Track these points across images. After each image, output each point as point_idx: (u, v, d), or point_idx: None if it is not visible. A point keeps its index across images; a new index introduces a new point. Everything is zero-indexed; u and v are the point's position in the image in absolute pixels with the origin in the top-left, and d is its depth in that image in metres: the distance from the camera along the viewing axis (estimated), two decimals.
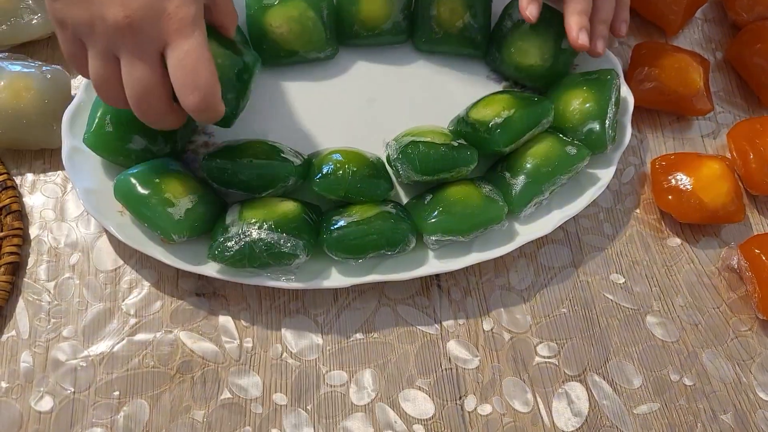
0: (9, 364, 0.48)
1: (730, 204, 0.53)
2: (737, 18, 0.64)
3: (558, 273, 0.53)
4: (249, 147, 0.51)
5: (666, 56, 0.59)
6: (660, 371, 0.50)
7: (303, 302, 0.51)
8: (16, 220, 0.51)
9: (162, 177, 0.48)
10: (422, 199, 0.51)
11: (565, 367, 0.50)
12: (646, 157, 0.58)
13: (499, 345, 0.50)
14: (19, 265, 0.51)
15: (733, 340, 0.51)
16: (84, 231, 0.53)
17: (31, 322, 0.49)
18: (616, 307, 0.52)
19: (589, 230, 0.55)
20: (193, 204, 0.48)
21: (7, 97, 0.52)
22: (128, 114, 0.50)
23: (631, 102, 0.56)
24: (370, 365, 0.49)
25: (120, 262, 0.52)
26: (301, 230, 0.48)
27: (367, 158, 0.51)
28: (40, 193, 0.54)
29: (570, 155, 0.52)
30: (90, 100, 0.52)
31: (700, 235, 0.55)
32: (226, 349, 0.49)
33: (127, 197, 0.48)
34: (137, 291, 0.51)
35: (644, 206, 0.56)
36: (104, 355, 0.48)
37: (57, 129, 0.53)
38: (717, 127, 0.60)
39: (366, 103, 0.58)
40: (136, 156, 0.51)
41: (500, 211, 0.50)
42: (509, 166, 0.52)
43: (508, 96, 0.53)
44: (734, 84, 0.63)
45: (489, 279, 0.52)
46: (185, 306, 0.50)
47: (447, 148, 0.50)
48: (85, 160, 0.52)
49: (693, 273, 0.54)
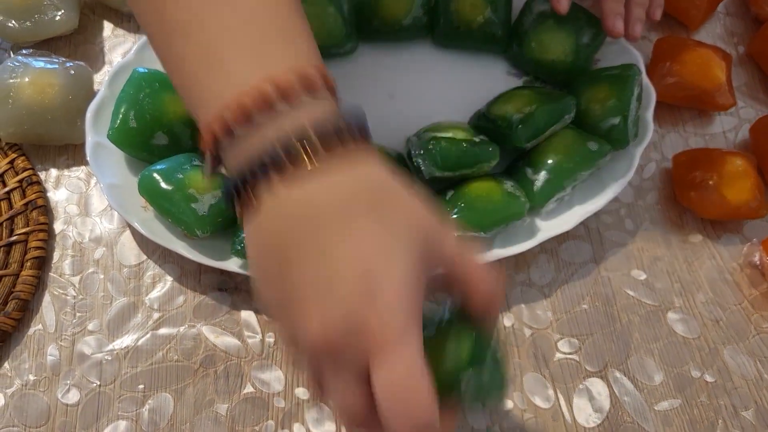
0: (36, 358, 0.48)
1: (753, 200, 0.53)
2: (760, 12, 0.63)
3: (579, 269, 0.53)
4: None
5: (688, 51, 0.58)
6: (681, 367, 0.50)
7: None
8: (41, 215, 0.52)
9: (186, 173, 0.49)
10: (443, 195, 0.51)
11: (586, 363, 0.50)
12: (668, 153, 0.58)
13: (519, 341, 0.50)
14: (45, 259, 0.51)
15: (754, 337, 0.51)
16: (108, 226, 0.53)
17: (57, 315, 0.50)
18: (637, 303, 0.52)
19: (610, 226, 0.55)
20: (217, 200, 0.48)
21: (31, 93, 0.52)
22: (151, 110, 0.50)
23: (654, 97, 0.55)
24: None
25: (143, 257, 0.52)
26: None
27: (388, 154, 0.52)
28: (65, 188, 0.54)
29: (591, 151, 0.51)
30: (113, 95, 0.53)
31: (722, 231, 0.55)
32: (248, 343, 0.50)
33: (151, 193, 0.48)
34: (161, 285, 0.51)
35: (666, 202, 0.56)
36: (129, 349, 0.49)
37: (81, 124, 0.53)
38: (739, 122, 0.60)
39: (386, 98, 0.58)
40: (160, 152, 0.51)
41: (521, 207, 0.50)
42: (531, 161, 0.52)
43: (529, 92, 0.53)
44: (757, 78, 0.62)
45: (510, 275, 0.52)
46: (208, 301, 0.51)
47: (468, 144, 0.50)
48: (108, 155, 0.52)
49: (715, 269, 0.54)
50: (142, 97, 0.50)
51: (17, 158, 0.54)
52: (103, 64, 0.59)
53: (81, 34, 0.60)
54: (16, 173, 0.54)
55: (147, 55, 0.56)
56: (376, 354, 0.31)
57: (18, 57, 0.55)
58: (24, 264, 0.50)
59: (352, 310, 0.31)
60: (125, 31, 0.61)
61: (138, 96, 0.51)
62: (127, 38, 0.61)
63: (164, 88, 0.51)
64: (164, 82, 0.52)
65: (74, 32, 0.60)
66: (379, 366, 0.31)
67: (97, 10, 0.62)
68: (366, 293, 0.31)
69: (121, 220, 0.53)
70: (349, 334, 0.31)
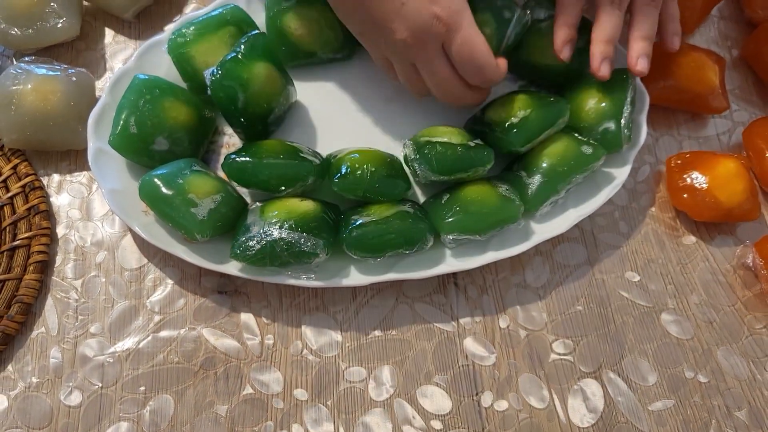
0: (39, 360, 0.49)
1: (746, 202, 0.54)
2: (753, 15, 0.64)
3: (574, 271, 0.54)
4: (269, 147, 0.52)
5: (682, 55, 0.59)
6: (675, 368, 0.51)
7: (322, 300, 0.52)
8: (44, 220, 0.53)
9: (185, 178, 0.49)
10: (439, 198, 0.52)
11: (581, 364, 0.50)
12: (662, 156, 0.59)
13: (515, 342, 0.51)
14: (48, 263, 0.52)
15: (747, 338, 0.52)
16: (109, 230, 0.54)
17: (59, 318, 0.51)
18: (631, 304, 0.53)
19: (604, 228, 0.55)
20: (216, 204, 0.49)
21: (34, 100, 0.53)
22: (152, 116, 0.51)
23: (647, 101, 0.56)
24: (388, 362, 0.50)
25: (144, 261, 0.53)
26: (321, 229, 0.49)
27: (385, 158, 0.52)
28: (67, 193, 0.55)
29: (586, 155, 0.52)
30: (114, 102, 0.54)
31: (716, 233, 0.56)
32: (248, 345, 0.50)
33: (152, 198, 0.49)
34: (161, 289, 0.52)
35: (660, 204, 0.57)
36: (130, 351, 0.50)
37: (82, 130, 0.54)
38: (733, 126, 0.61)
39: (383, 102, 0.58)
40: (160, 157, 0.52)
41: (516, 210, 0.51)
42: (525, 165, 0.53)
43: (524, 96, 0.54)
44: (750, 82, 0.63)
45: (505, 277, 0.53)
46: (208, 303, 0.52)
47: (464, 149, 0.51)
48: (109, 160, 0.53)
49: (708, 271, 0.54)
50: (143, 103, 0.51)
51: (20, 164, 0.55)
52: (105, 71, 0.60)
53: (82, 41, 0.61)
54: (19, 178, 0.54)
55: (147, 61, 0.56)
56: (446, 36, 0.48)
57: (21, 64, 0.56)
58: (27, 268, 0.51)
59: (424, 12, 0.47)
60: (126, 38, 0.62)
61: (139, 102, 0.51)
62: (128, 44, 0.62)
63: (164, 94, 0.52)
64: (164, 89, 0.53)
65: (76, 39, 0.61)
66: (451, 42, 0.49)
67: (98, 17, 0.63)
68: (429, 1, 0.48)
69: (122, 224, 0.54)
70: (427, 27, 0.48)
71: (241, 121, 0.52)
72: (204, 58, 0.54)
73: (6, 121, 0.54)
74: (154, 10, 0.63)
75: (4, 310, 0.50)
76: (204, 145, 0.55)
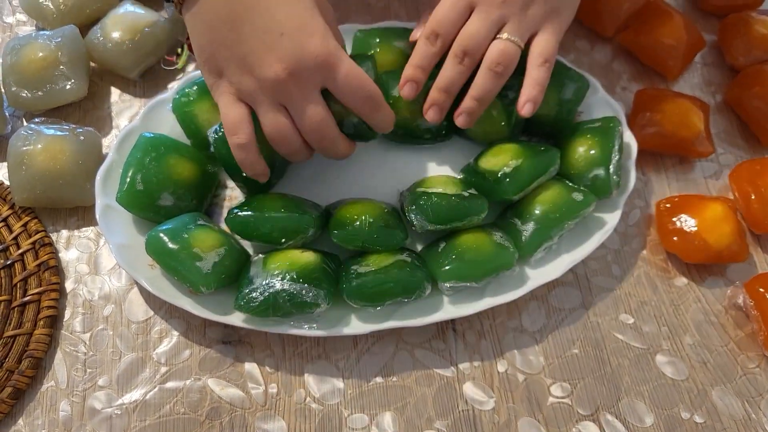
0: (49, 413, 0.50)
1: (734, 244, 0.55)
2: (734, 62, 0.66)
3: (569, 314, 0.55)
4: (270, 201, 0.53)
5: (667, 101, 0.61)
6: (671, 409, 0.52)
7: (324, 348, 0.53)
8: (53, 276, 0.54)
9: (190, 232, 0.51)
10: (436, 246, 0.54)
11: (579, 407, 0.51)
12: (651, 200, 0.60)
13: (513, 386, 0.52)
14: (57, 318, 0.54)
15: (741, 378, 0.53)
16: (116, 283, 0.56)
17: (68, 372, 0.52)
18: (626, 346, 0.54)
19: (597, 272, 0.57)
20: (220, 257, 0.51)
21: (44, 160, 0.55)
22: (157, 173, 0.53)
23: (635, 148, 0.58)
24: (389, 408, 0.51)
25: (150, 313, 0.54)
26: (322, 280, 0.50)
27: (383, 208, 0.54)
28: (75, 248, 0.57)
29: (577, 201, 0.54)
30: (121, 159, 0.56)
31: (706, 274, 0.57)
32: (252, 394, 0.51)
33: (159, 253, 0.51)
34: (167, 340, 0.53)
35: (651, 247, 0.58)
36: (137, 403, 0.51)
37: (90, 188, 0.56)
38: (719, 168, 0.62)
39: (381, 153, 0.60)
40: (165, 212, 0.54)
41: (511, 257, 0.52)
42: (519, 212, 0.55)
43: (515, 145, 0.56)
44: (735, 125, 0.65)
45: (502, 322, 0.54)
46: (213, 354, 0.53)
47: (458, 199, 0.53)
48: (117, 216, 0.55)
49: (700, 312, 0.55)
50: (149, 161, 0.53)
51: (30, 221, 0.57)
52: (111, 129, 0.63)
53: (90, 101, 0.64)
54: (29, 235, 0.56)
55: (152, 119, 0.59)
56: (329, 70, 0.48)
57: (31, 125, 0.58)
58: (37, 323, 0.53)
59: (305, 46, 0.47)
60: (131, 96, 0.64)
61: (145, 160, 0.53)
62: (134, 103, 0.64)
63: (169, 151, 0.54)
64: (169, 146, 0.55)
65: (83, 99, 0.63)
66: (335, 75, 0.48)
67: (104, 77, 0.65)
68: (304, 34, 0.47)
69: (129, 277, 0.55)
70: (303, 62, 0.47)
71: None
72: (206, 116, 0.57)
73: (17, 181, 0.56)
74: (158, 70, 0.65)
75: (15, 365, 0.51)
76: (207, 199, 0.57)
